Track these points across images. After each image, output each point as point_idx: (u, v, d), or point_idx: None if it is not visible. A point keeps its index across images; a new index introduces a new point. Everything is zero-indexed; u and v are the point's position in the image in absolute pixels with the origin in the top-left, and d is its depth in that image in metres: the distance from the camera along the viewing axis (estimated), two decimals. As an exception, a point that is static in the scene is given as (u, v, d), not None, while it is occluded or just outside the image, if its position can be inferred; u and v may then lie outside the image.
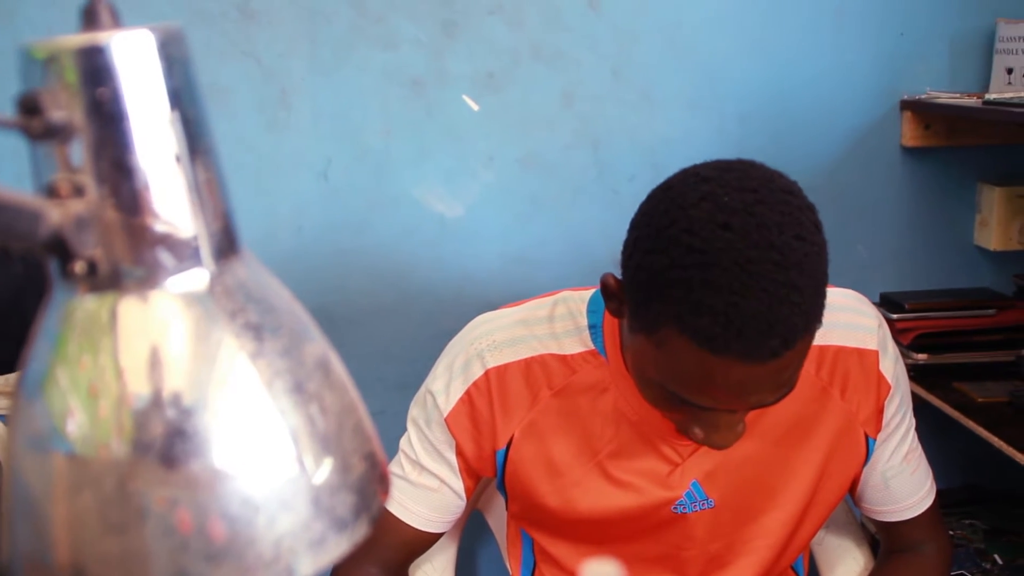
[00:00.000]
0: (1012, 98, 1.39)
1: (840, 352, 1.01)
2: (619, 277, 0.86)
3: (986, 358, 1.56)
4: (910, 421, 1.08)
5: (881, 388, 1.01)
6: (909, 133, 1.58)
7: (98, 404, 0.37)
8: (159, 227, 0.37)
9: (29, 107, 0.35)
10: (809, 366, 1.00)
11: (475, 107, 1.53)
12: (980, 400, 1.44)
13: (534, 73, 1.53)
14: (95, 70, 0.36)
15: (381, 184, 1.54)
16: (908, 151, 1.61)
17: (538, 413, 0.99)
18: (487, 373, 0.98)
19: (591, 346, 0.98)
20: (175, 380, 0.37)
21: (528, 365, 0.98)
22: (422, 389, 1.04)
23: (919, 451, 1.09)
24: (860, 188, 1.63)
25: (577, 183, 1.58)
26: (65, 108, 0.36)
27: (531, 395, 0.98)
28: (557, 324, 1.00)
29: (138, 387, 0.37)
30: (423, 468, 1.03)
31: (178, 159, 0.38)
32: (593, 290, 1.02)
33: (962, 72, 1.60)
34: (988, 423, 1.36)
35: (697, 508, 1.00)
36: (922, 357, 1.55)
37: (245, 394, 0.38)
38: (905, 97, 1.59)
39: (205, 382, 0.37)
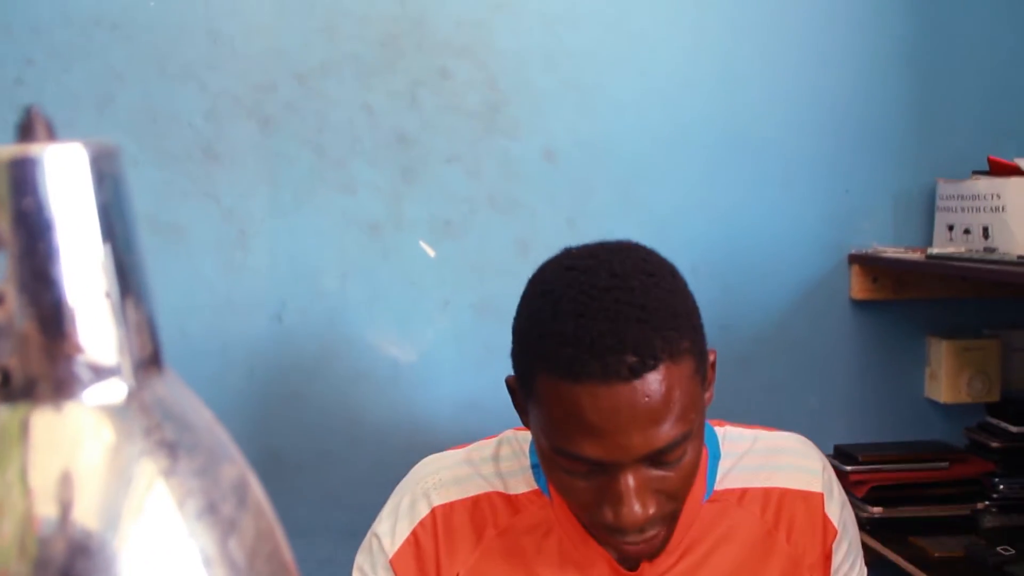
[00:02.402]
0: (954, 253, 1.43)
1: (785, 495, 1.00)
2: None
3: (941, 512, 1.55)
4: (861, 570, 1.06)
5: (827, 532, 1.00)
6: (857, 286, 1.62)
7: (1, 526, 0.36)
8: (78, 338, 0.37)
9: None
10: (754, 508, 0.99)
11: (431, 253, 1.55)
12: (936, 555, 1.42)
13: (490, 221, 1.56)
14: (24, 181, 0.36)
15: (335, 327, 1.54)
16: (857, 304, 1.65)
17: (482, 553, 0.97)
18: (433, 511, 0.97)
19: (535, 486, 0.98)
20: (83, 498, 0.36)
21: (475, 503, 0.97)
22: (368, 534, 1.01)
23: None
24: (811, 340, 1.65)
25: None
26: (-9, 218, 0.36)
27: (476, 534, 0.97)
28: (502, 464, 1.00)
29: (45, 509, 0.35)
30: None
31: (103, 272, 0.38)
32: None
33: (906, 228, 1.65)
34: (945, 579, 1.34)
35: None
36: (877, 510, 1.53)
37: (154, 513, 0.36)
38: (853, 251, 1.63)
39: (114, 500, 0.36)
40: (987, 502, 1.55)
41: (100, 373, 0.37)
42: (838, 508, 1.02)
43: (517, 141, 1.56)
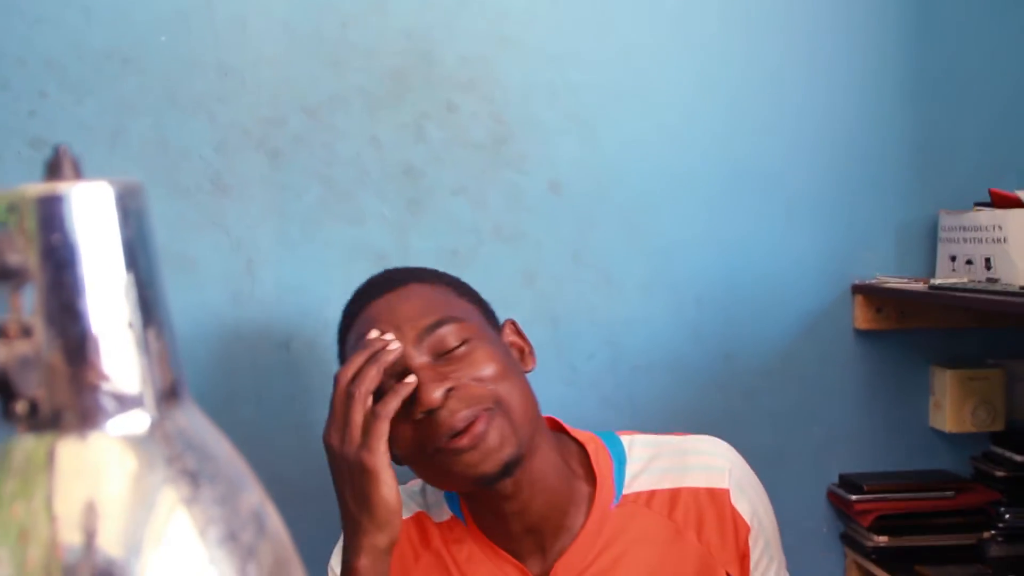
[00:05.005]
0: (956, 283, 1.44)
1: (692, 493, 1.04)
2: None
3: (947, 541, 1.55)
4: (780, 561, 1.09)
5: (739, 528, 1.03)
6: (861, 316, 1.63)
7: (27, 553, 0.37)
8: (103, 370, 0.38)
9: (-15, 251, 0.37)
10: (662, 509, 1.03)
11: (438, 283, 1.56)
12: (943, 585, 1.42)
13: (496, 252, 1.57)
14: (52, 217, 0.38)
15: (342, 357, 1.55)
16: (861, 334, 1.65)
17: (421, 568, 1.10)
18: None
19: (451, 513, 1.10)
20: (107, 526, 0.37)
21: (414, 521, 1.11)
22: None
23: None
24: (815, 370, 1.66)
25: (537, 360, 1.60)
26: (21, 252, 0.37)
27: (412, 551, 1.09)
28: (428, 497, 1.13)
29: (70, 536, 0.36)
30: None
31: (127, 306, 0.39)
32: None
33: (909, 259, 1.66)
34: (951, 609, 1.34)
35: None
36: (883, 539, 1.54)
37: (176, 541, 0.37)
38: (856, 282, 1.64)
39: (137, 528, 0.37)
40: (993, 531, 1.55)
41: (124, 403, 0.38)
42: (749, 504, 1.04)
43: (523, 174, 1.58)
